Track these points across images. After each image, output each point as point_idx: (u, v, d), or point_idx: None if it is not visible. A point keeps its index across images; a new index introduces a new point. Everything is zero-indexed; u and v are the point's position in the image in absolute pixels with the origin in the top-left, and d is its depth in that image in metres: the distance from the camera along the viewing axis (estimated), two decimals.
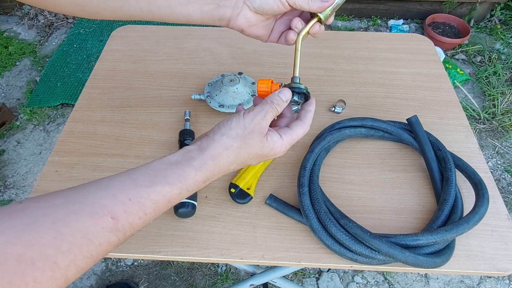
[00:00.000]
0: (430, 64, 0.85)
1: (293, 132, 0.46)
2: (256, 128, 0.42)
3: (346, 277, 1.40)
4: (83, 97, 0.77)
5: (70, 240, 0.30)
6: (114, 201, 0.33)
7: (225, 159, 0.41)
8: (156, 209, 0.36)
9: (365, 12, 2.44)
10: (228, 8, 0.49)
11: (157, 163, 0.38)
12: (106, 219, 0.32)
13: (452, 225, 0.51)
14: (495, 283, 1.39)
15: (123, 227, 0.33)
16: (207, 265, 1.41)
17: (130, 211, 0.34)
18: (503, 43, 2.25)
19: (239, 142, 0.41)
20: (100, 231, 0.32)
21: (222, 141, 0.41)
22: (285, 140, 0.45)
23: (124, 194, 0.34)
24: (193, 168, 0.39)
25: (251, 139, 0.42)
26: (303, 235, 0.56)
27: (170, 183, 0.37)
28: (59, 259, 0.29)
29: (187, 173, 0.38)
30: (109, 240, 0.33)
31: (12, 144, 1.79)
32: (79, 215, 0.31)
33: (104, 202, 0.33)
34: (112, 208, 0.33)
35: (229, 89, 0.71)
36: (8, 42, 2.25)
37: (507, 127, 1.82)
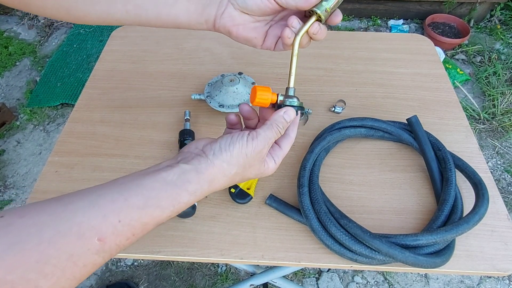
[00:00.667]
0: (430, 64, 0.85)
1: (283, 151, 0.46)
2: (257, 158, 0.41)
3: (346, 277, 1.40)
4: (83, 97, 0.77)
5: (54, 263, 0.29)
6: (103, 222, 0.32)
7: (220, 183, 0.40)
8: (144, 230, 0.35)
9: (365, 12, 2.44)
10: (213, 7, 0.47)
11: (151, 180, 0.36)
12: (93, 241, 0.31)
13: (452, 225, 0.51)
14: (495, 283, 1.39)
15: (110, 248, 0.32)
16: (207, 265, 1.41)
17: (118, 233, 0.33)
18: (503, 43, 2.25)
19: (238, 169, 0.40)
20: (85, 253, 0.31)
21: (222, 168, 0.39)
22: (277, 162, 0.45)
23: (115, 215, 0.33)
24: (188, 192, 0.37)
25: (250, 167, 0.41)
26: (303, 235, 0.56)
27: (162, 206, 0.36)
28: (40, 283, 0.28)
29: (181, 197, 0.37)
30: (94, 261, 0.32)
31: (12, 144, 1.79)
32: (66, 236, 0.30)
33: (93, 222, 0.31)
34: (101, 229, 0.32)
35: (229, 89, 0.72)
36: (8, 42, 2.25)
37: (507, 127, 1.82)
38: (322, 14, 0.45)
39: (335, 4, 0.45)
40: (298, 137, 0.70)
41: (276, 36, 0.50)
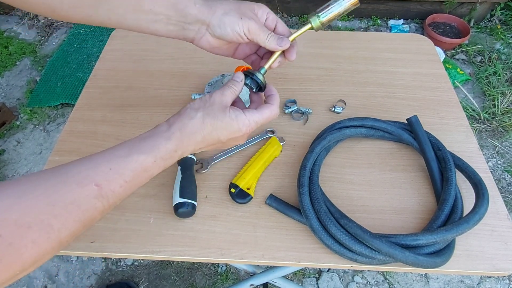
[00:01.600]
0: (430, 64, 0.85)
1: (259, 111, 0.49)
2: (216, 101, 0.46)
3: (346, 277, 1.40)
4: (84, 96, 0.77)
5: (61, 205, 0.34)
6: (96, 170, 0.38)
7: (191, 128, 0.44)
8: (135, 177, 0.40)
9: (365, 12, 2.44)
10: (191, 31, 0.52)
11: (132, 139, 0.43)
12: (91, 187, 0.36)
13: (452, 225, 0.51)
14: (495, 283, 1.39)
15: (106, 194, 0.37)
16: (207, 265, 1.41)
17: (111, 179, 0.38)
18: (503, 43, 2.25)
19: (201, 112, 0.45)
20: (85, 198, 0.36)
21: (186, 113, 0.45)
22: (249, 116, 0.47)
23: (105, 164, 0.38)
24: (163, 138, 0.43)
25: (212, 110, 0.45)
26: (303, 235, 0.57)
27: (144, 152, 0.41)
28: (52, 222, 0.33)
29: (158, 142, 0.42)
30: (94, 206, 0.36)
31: (13, 143, 1.79)
32: (67, 184, 0.35)
33: (88, 172, 0.37)
34: (95, 177, 0.37)
35: None
36: (8, 42, 2.25)
37: (507, 127, 1.82)
38: (315, 26, 0.53)
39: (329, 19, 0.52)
40: (298, 136, 0.70)
41: (244, 54, 0.59)
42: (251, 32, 0.49)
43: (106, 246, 0.55)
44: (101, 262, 1.43)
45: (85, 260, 1.43)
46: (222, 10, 0.49)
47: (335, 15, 0.52)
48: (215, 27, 0.50)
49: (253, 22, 0.49)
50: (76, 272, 1.41)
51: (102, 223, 0.57)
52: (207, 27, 0.51)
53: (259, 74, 0.53)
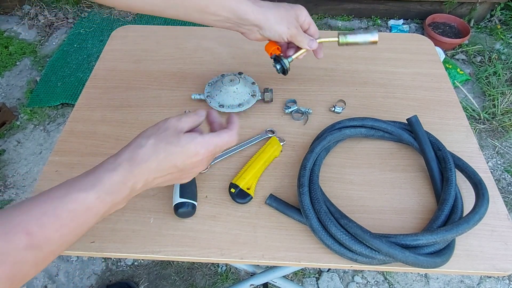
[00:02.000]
0: (430, 64, 0.85)
1: (217, 135, 0.46)
2: (171, 126, 0.44)
3: (346, 277, 1.40)
4: (84, 97, 0.77)
5: None
6: (28, 216, 0.33)
7: (142, 156, 0.41)
8: (75, 219, 0.35)
9: (365, 12, 2.44)
10: (244, 29, 0.62)
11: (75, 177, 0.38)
12: (20, 236, 0.31)
13: (452, 225, 0.51)
14: (495, 283, 1.39)
15: (39, 242, 0.32)
16: (207, 265, 1.41)
17: (45, 225, 0.33)
18: (503, 43, 2.25)
19: (153, 139, 0.42)
20: (13, 250, 0.31)
21: (136, 141, 0.42)
22: (207, 138, 0.45)
23: (39, 208, 0.33)
24: (106, 170, 0.38)
25: (166, 135, 0.43)
26: (303, 235, 0.57)
27: (85, 189, 0.36)
28: None
29: (101, 176, 0.38)
30: (24, 258, 0.31)
31: (13, 144, 1.79)
32: None
33: (17, 219, 0.32)
34: (26, 224, 0.32)
35: (229, 89, 0.72)
36: (8, 42, 2.25)
37: (507, 127, 1.82)
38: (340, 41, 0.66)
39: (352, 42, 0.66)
40: (298, 136, 0.70)
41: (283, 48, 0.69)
42: (292, 37, 0.62)
43: (106, 246, 0.55)
44: (101, 262, 1.43)
45: (85, 260, 1.43)
46: (273, 19, 0.59)
47: (356, 42, 0.66)
48: (265, 31, 0.61)
49: (296, 31, 0.61)
50: (76, 272, 1.41)
51: (102, 224, 0.57)
52: (259, 29, 0.61)
53: (286, 61, 0.67)
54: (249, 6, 0.58)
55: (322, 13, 2.47)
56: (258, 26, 0.60)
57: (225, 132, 0.48)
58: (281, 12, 0.60)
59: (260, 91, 0.75)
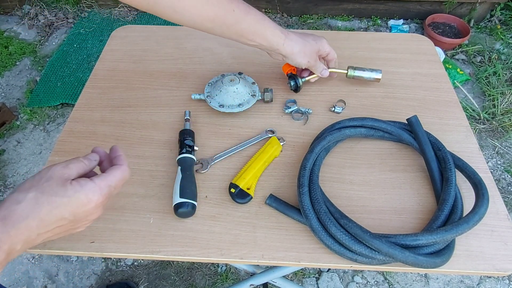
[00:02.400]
0: (430, 64, 0.85)
1: (109, 174, 0.42)
2: (55, 175, 0.39)
3: (346, 277, 1.40)
4: (83, 97, 0.77)
5: None
6: None
7: (20, 213, 0.36)
8: None
9: (365, 12, 2.44)
10: (273, 56, 0.70)
11: None
12: None
13: (452, 225, 0.51)
14: (495, 283, 1.39)
15: None
16: (207, 265, 1.41)
17: None
18: (503, 43, 2.24)
19: (33, 192, 0.37)
20: None
21: (12, 198, 0.37)
22: (99, 182, 0.41)
23: None
24: None
25: (49, 185, 0.38)
26: (303, 235, 0.57)
27: None
28: None
29: None
30: None
31: (12, 144, 1.79)
32: None
33: None
34: None
35: (229, 89, 0.71)
36: (8, 42, 2.25)
37: (507, 127, 1.82)
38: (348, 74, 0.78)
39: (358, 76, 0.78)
40: (298, 136, 0.70)
41: None
42: (309, 67, 0.72)
43: (106, 246, 0.55)
44: (101, 262, 1.43)
45: (85, 260, 1.43)
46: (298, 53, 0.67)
47: (362, 77, 0.77)
48: (289, 60, 0.69)
49: (314, 63, 0.71)
50: (76, 272, 1.41)
51: (102, 224, 0.57)
52: (284, 57, 0.68)
53: (300, 80, 0.75)
54: (282, 39, 0.65)
55: (322, 13, 2.47)
56: (285, 56, 0.68)
57: (116, 168, 0.43)
58: (306, 47, 0.68)
59: (260, 91, 0.75)
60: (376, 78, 0.77)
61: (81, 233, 0.56)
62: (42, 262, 1.43)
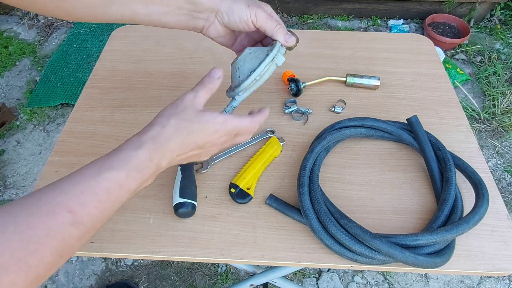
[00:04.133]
0: (430, 64, 0.85)
1: (238, 118, 0.47)
2: (188, 105, 0.44)
3: (346, 277, 1.40)
4: (83, 97, 0.77)
5: (35, 240, 0.32)
6: (68, 196, 0.35)
7: (164, 136, 0.42)
8: (110, 195, 0.38)
9: (365, 12, 2.44)
10: (201, 20, 0.54)
11: (103, 156, 0.40)
12: (64, 214, 0.34)
13: (452, 225, 0.51)
14: (495, 283, 1.39)
15: (82, 219, 0.35)
16: (207, 265, 1.41)
17: (85, 203, 0.36)
18: (503, 43, 2.25)
19: (174, 119, 0.43)
20: (61, 226, 0.34)
21: (158, 121, 0.43)
22: (228, 118, 0.45)
23: (76, 188, 0.36)
24: (132, 148, 0.41)
25: (185, 114, 0.44)
26: (303, 235, 0.56)
27: (115, 167, 0.39)
28: (28, 260, 0.32)
29: (128, 154, 0.40)
30: (71, 233, 0.35)
31: (12, 144, 1.79)
32: (38, 215, 0.33)
33: (59, 199, 0.35)
34: (68, 202, 0.35)
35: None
36: (8, 42, 2.25)
37: (507, 127, 1.82)
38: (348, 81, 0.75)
39: None
40: (298, 136, 0.70)
41: (242, 45, 0.60)
42: (258, 19, 0.51)
43: (106, 246, 0.55)
44: (101, 262, 1.43)
45: (85, 260, 1.43)
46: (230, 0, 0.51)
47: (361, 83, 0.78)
48: (223, 14, 0.52)
49: (261, 11, 0.51)
50: (76, 272, 1.41)
51: None
52: (216, 14, 0.52)
53: (301, 83, 0.73)
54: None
55: (322, 13, 2.47)
56: (214, 11, 0.52)
57: (247, 117, 0.48)
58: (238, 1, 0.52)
59: None
60: (375, 85, 0.78)
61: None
62: None
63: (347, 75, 0.78)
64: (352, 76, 0.78)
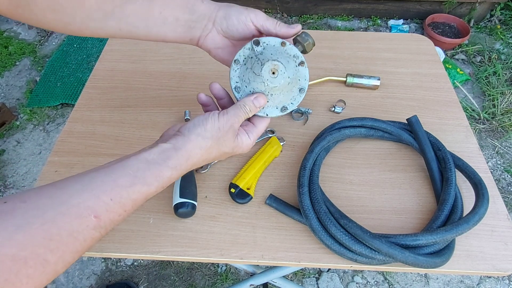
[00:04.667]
0: (430, 64, 0.85)
1: (257, 128, 0.51)
2: (230, 131, 0.46)
3: (346, 277, 1.40)
4: (83, 97, 0.77)
5: (58, 239, 0.33)
6: (97, 202, 0.36)
7: (198, 157, 0.44)
8: (134, 206, 0.40)
9: (365, 12, 2.44)
10: (198, 30, 0.52)
11: (135, 161, 0.40)
12: (90, 218, 0.35)
13: (452, 225, 0.51)
14: (495, 283, 1.39)
15: (105, 224, 0.37)
16: (207, 265, 1.41)
17: (111, 210, 0.37)
18: (503, 43, 2.25)
19: (212, 142, 0.45)
20: (84, 229, 0.35)
21: (198, 142, 0.44)
22: (252, 138, 0.50)
23: (107, 195, 0.37)
24: (169, 168, 0.42)
25: (224, 140, 0.46)
26: (303, 235, 0.56)
27: (148, 183, 0.40)
28: (48, 257, 0.32)
29: (163, 173, 0.41)
30: (92, 236, 0.36)
31: (12, 144, 1.79)
32: (66, 215, 0.34)
33: (88, 203, 0.36)
34: (96, 208, 0.36)
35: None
36: (8, 42, 2.25)
37: (507, 127, 1.82)
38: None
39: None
40: (298, 136, 0.70)
41: None
42: (258, 18, 0.50)
43: (105, 246, 0.55)
44: (101, 262, 1.43)
45: (85, 260, 1.43)
46: (226, 5, 0.51)
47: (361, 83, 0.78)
48: (221, 19, 0.51)
49: (259, 12, 0.51)
50: (75, 272, 1.41)
51: None
52: (214, 22, 0.51)
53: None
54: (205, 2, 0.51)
55: (322, 13, 2.47)
56: (211, 18, 0.51)
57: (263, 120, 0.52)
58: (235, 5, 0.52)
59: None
60: (375, 85, 0.78)
61: None
62: None
63: (347, 75, 0.78)
64: (352, 76, 0.78)
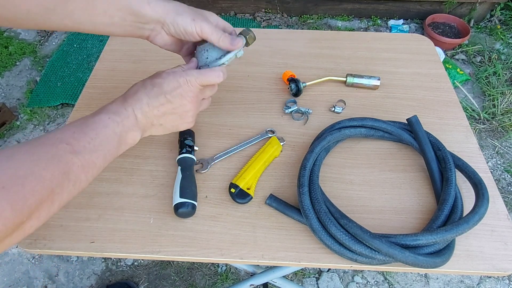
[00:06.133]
0: (430, 64, 0.85)
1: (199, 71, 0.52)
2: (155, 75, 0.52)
3: (346, 277, 1.40)
4: (83, 97, 0.77)
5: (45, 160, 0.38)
6: (63, 134, 0.41)
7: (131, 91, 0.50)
8: (99, 134, 0.44)
9: (365, 12, 2.44)
10: (146, 30, 0.54)
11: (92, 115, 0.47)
12: (63, 145, 0.40)
13: (452, 225, 0.51)
14: (495, 283, 1.39)
15: (79, 149, 0.41)
16: (207, 265, 1.41)
17: (78, 138, 0.42)
18: (503, 43, 2.25)
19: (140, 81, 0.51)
20: (62, 153, 0.39)
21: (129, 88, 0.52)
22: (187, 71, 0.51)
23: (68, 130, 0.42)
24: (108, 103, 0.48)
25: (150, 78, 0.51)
26: (303, 235, 0.57)
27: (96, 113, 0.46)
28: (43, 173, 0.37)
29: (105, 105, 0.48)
30: (72, 160, 0.40)
31: (13, 144, 1.79)
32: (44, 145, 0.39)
33: (56, 136, 0.41)
34: (63, 138, 0.41)
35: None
36: (8, 42, 2.25)
37: (507, 127, 1.82)
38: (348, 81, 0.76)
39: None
40: (298, 136, 0.70)
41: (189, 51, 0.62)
42: (204, 32, 0.52)
43: (106, 246, 0.55)
44: (101, 262, 1.43)
45: (85, 260, 1.43)
46: (175, 11, 0.52)
47: (361, 83, 0.78)
48: (169, 25, 0.53)
49: (206, 24, 0.52)
50: (76, 272, 1.41)
51: (102, 223, 0.57)
52: (162, 25, 0.54)
53: (301, 83, 0.74)
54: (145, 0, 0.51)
55: (322, 13, 2.47)
56: (160, 22, 0.53)
57: (210, 70, 0.52)
58: (183, 6, 0.53)
59: None
60: (375, 85, 0.78)
61: (81, 233, 0.56)
62: (42, 262, 1.43)
63: (347, 75, 0.78)
64: (352, 76, 0.78)
